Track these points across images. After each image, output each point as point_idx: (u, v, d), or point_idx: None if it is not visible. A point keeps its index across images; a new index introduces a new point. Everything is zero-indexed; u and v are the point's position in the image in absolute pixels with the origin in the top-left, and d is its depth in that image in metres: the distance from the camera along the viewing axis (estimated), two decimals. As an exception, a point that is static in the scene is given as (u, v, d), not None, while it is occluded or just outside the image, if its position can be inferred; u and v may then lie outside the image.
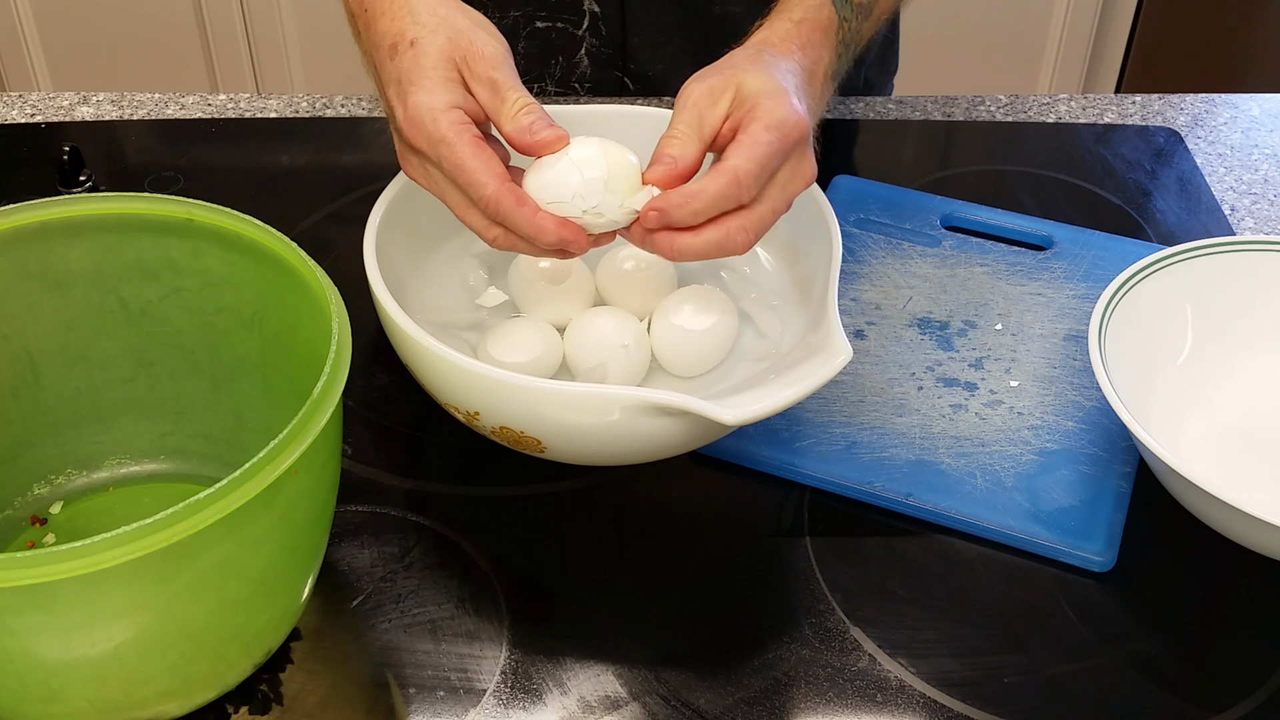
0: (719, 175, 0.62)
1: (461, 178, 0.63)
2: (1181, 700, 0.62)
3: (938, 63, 1.95)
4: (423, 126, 0.64)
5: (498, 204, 0.63)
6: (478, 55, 0.65)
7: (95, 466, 0.70)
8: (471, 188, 0.63)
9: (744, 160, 0.62)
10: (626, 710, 0.61)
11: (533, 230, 0.63)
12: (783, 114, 0.64)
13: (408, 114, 0.64)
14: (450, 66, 0.65)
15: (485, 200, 0.63)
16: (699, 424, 0.63)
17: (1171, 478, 0.66)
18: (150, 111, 1.02)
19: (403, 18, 0.66)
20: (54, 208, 0.64)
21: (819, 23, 0.71)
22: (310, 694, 0.61)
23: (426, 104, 0.64)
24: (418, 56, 0.65)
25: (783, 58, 0.69)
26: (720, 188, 0.62)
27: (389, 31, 0.66)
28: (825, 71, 0.71)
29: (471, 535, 0.69)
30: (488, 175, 0.63)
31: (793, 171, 0.65)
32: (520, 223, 0.63)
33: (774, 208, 0.65)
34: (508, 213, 0.63)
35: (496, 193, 0.63)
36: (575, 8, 0.97)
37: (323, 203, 0.92)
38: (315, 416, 0.53)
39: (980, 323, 0.81)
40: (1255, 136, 1.02)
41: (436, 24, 0.66)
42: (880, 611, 0.66)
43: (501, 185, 0.63)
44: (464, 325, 0.77)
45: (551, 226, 0.63)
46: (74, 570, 0.48)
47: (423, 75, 0.64)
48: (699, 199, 0.62)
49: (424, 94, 0.64)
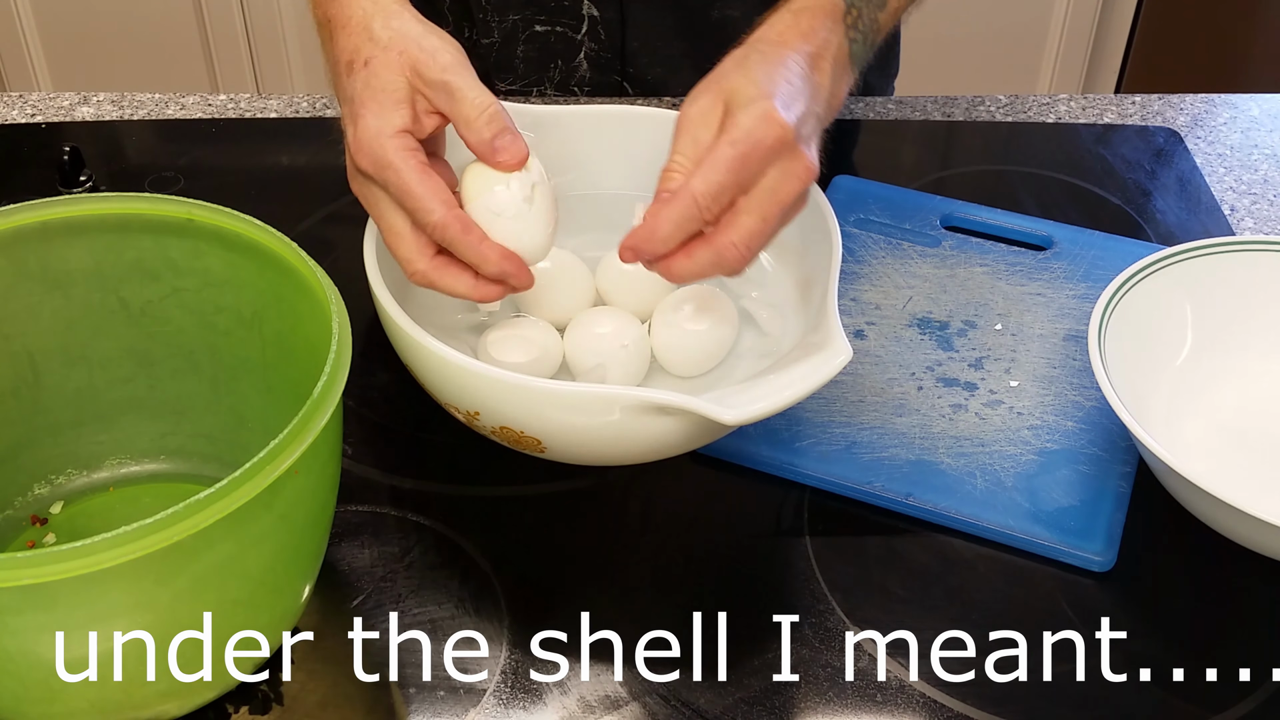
0: (677, 200, 0.62)
1: (409, 202, 0.64)
2: (1181, 700, 0.62)
3: (938, 63, 1.95)
4: (369, 150, 0.64)
5: (445, 229, 0.63)
6: (428, 62, 0.65)
7: (95, 466, 0.70)
8: (418, 213, 0.63)
9: (699, 181, 0.62)
10: (626, 710, 0.61)
11: (477, 258, 0.64)
12: (750, 123, 0.62)
13: (356, 135, 0.64)
14: (402, 85, 0.65)
15: (432, 225, 0.63)
16: (699, 424, 0.63)
17: (1171, 478, 0.66)
18: (150, 111, 1.02)
19: (359, 34, 0.66)
20: (54, 208, 0.64)
21: (821, 8, 0.69)
22: (310, 694, 0.61)
23: (375, 127, 0.64)
24: (369, 77, 0.65)
25: (776, 52, 0.67)
26: (679, 211, 0.62)
27: (346, 48, 0.67)
28: (835, 55, 0.69)
29: (471, 535, 0.69)
30: (434, 201, 0.63)
31: (782, 174, 0.64)
32: (466, 249, 0.64)
33: (764, 215, 0.64)
34: (454, 239, 0.64)
35: (443, 218, 0.63)
36: (574, 12, 0.97)
37: (323, 203, 0.92)
38: (315, 416, 0.53)
39: (980, 323, 0.82)
40: (1255, 136, 1.02)
41: (389, 39, 0.65)
42: (880, 611, 0.66)
43: (448, 211, 0.63)
44: (464, 325, 0.77)
45: (495, 256, 0.64)
46: (74, 570, 0.48)
47: (372, 97, 0.64)
48: (662, 227, 0.63)
49: (372, 117, 0.64)
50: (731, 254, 0.63)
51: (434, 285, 0.66)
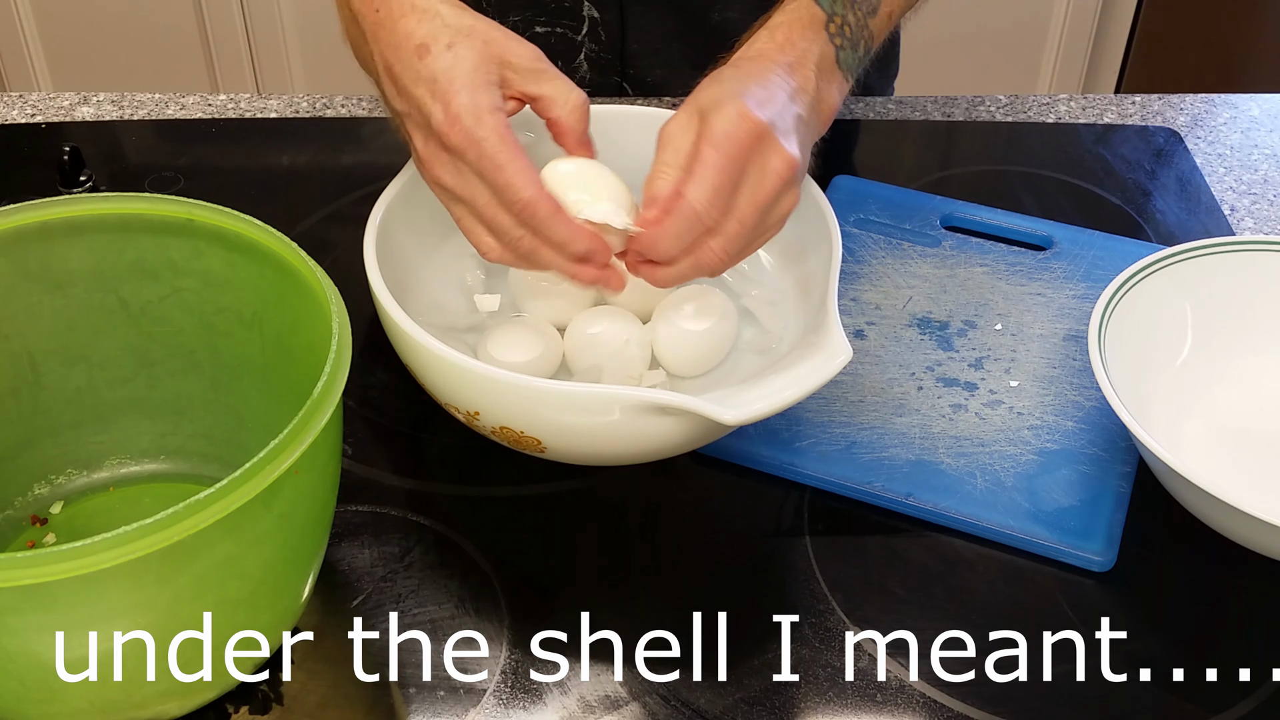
0: (677, 212, 0.63)
1: (501, 178, 0.64)
2: (1181, 700, 0.62)
3: (938, 63, 1.95)
4: (466, 126, 0.64)
5: (535, 208, 0.64)
6: (518, 53, 0.66)
7: (95, 466, 0.70)
8: (509, 189, 0.64)
9: (694, 189, 0.63)
10: (626, 710, 0.61)
11: (567, 236, 0.64)
12: (726, 125, 0.63)
13: (450, 112, 0.64)
14: (491, 70, 0.65)
15: (522, 203, 0.64)
16: (699, 424, 0.63)
17: (1171, 478, 0.66)
18: (150, 111, 1.02)
19: (430, 20, 0.66)
20: (54, 208, 0.64)
21: (799, 21, 0.70)
22: (310, 694, 0.61)
23: (471, 103, 0.64)
24: (455, 59, 0.65)
25: (753, 65, 0.68)
26: (680, 223, 0.63)
27: (415, 32, 0.66)
28: (818, 62, 0.70)
29: (471, 535, 0.69)
30: (527, 179, 0.64)
31: (759, 174, 0.64)
32: (554, 229, 0.64)
33: (742, 218, 0.64)
34: (544, 218, 0.64)
35: (534, 196, 0.64)
36: (574, 13, 0.97)
37: (323, 203, 0.92)
38: (315, 416, 0.53)
39: (980, 323, 0.82)
40: (1255, 136, 1.02)
41: (469, 28, 0.66)
42: (880, 611, 0.66)
43: (540, 190, 0.64)
44: (464, 326, 0.77)
45: (584, 235, 0.65)
46: (74, 570, 0.48)
47: (463, 76, 0.64)
48: (664, 241, 0.64)
49: (468, 94, 0.64)
50: (709, 258, 0.65)
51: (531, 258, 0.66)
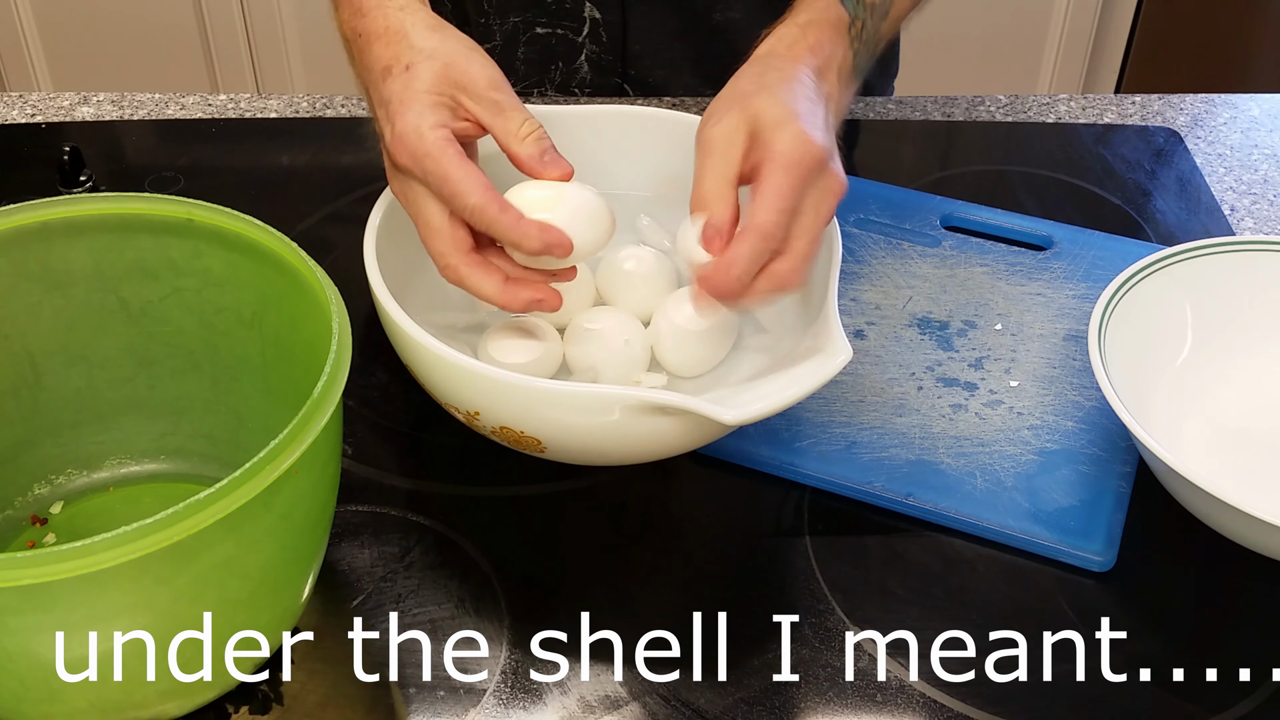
0: (749, 236, 0.63)
1: (446, 188, 0.64)
2: (1181, 700, 0.62)
3: (938, 63, 1.95)
4: (408, 143, 0.65)
5: (483, 211, 0.64)
6: (476, 76, 0.66)
7: (95, 466, 0.70)
8: (456, 197, 0.64)
9: (767, 213, 0.63)
10: (626, 710, 0.61)
11: (518, 235, 0.64)
12: (795, 149, 0.64)
13: (395, 132, 0.65)
14: (442, 91, 0.66)
15: (470, 209, 0.64)
16: (699, 424, 0.63)
17: (1171, 478, 0.66)
18: (150, 111, 1.02)
19: (398, 43, 0.67)
20: (54, 208, 0.64)
21: (827, 22, 0.71)
22: (310, 694, 0.61)
23: (414, 122, 0.65)
24: (410, 80, 0.66)
25: (790, 67, 0.68)
26: (752, 248, 0.63)
27: (383, 56, 0.68)
28: (839, 68, 0.71)
29: (471, 535, 0.69)
30: (472, 185, 0.64)
31: (820, 194, 0.65)
32: (505, 229, 0.64)
33: (811, 237, 0.65)
34: (493, 219, 0.64)
35: (481, 200, 0.64)
36: (576, 14, 0.97)
37: (323, 203, 0.92)
38: (315, 416, 0.53)
39: (980, 323, 0.82)
40: (1255, 136, 1.02)
41: (431, 50, 0.67)
42: (880, 611, 0.66)
43: (486, 193, 0.64)
44: (464, 325, 0.77)
45: (535, 231, 0.64)
46: (74, 570, 0.48)
47: (413, 98, 0.65)
48: (737, 264, 0.63)
49: (413, 115, 0.65)
50: (793, 280, 0.65)
51: (464, 283, 0.66)
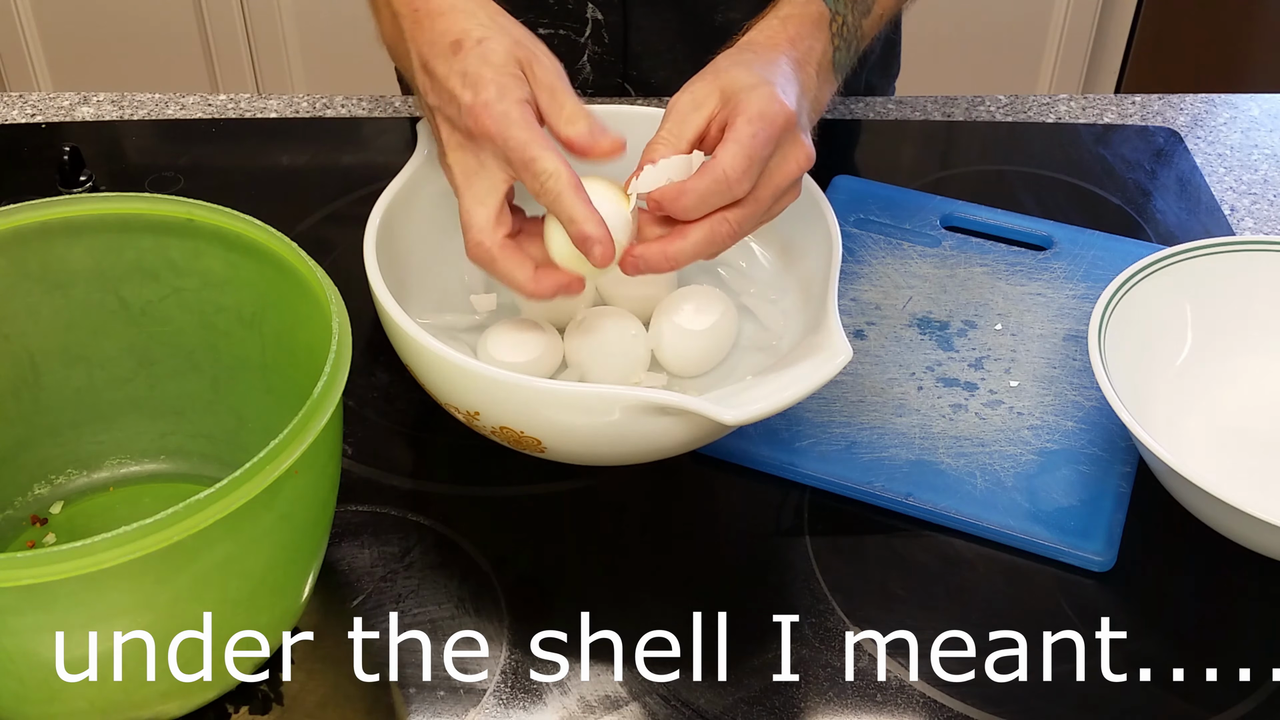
0: (707, 173, 0.64)
1: (528, 152, 0.64)
2: (1181, 700, 0.62)
3: (938, 63, 1.95)
4: (494, 111, 0.65)
5: (558, 178, 0.64)
6: (540, 62, 0.67)
7: (95, 466, 0.70)
8: (536, 161, 0.64)
9: (729, 157, 0.64)
10: (626, 710, 0.61)
11: (582, 213, 0.64)
12: (763, 105, 0.64)
13: (480, 100, 0.65)
14: (517, 66, 0.67)
15: (547, 174, 0.64)
16: (699, 424, 0.63)
17: (1171, 478, 0.66)
18: (150, 111, 1.02)
19: (465, 18, 0.68)
20: (54, 208, 0.64)
21: (807, 16, 0.72)
22: (310, 694, 0.61)
23: (497, 91, 0.65)
24: (486, 53, 0.66)
25: (768, 52, 0.69)
26: (708, 184, 0.63)
27: (450, 30, 0.68)
28: (819, 61, 0.72)
29: (471, 535, 0.69)
30: (554, 156, 0.64)
31: (781, 159, 0.66)
32: (572, 202, 0.64)
33: (759, 196, 0.65)
34: (563, 190, 0.64)
35: (559, 168, 0.64)
36: (578, 15, 0.97)
37: (323, 203, 0.92)
38: (315, 416, 0.53)
39: (980, 323, 0.82)
40: (1255, 136, 1.02)
41: (499, 28, 0.68)
42: (880, 611, 0.66)
43: (566, 166, 0.64)
44: (464, 325, 0.77)
45: (596, 220, 0.64)
46: (74, 570, 0.48)
47: (495, 71, 0.66)
48: (689, 195, 0.64)
49: (495, 86, 0.65)
50: (724, 229, 0.65)
51: (495, 265, 0.66)
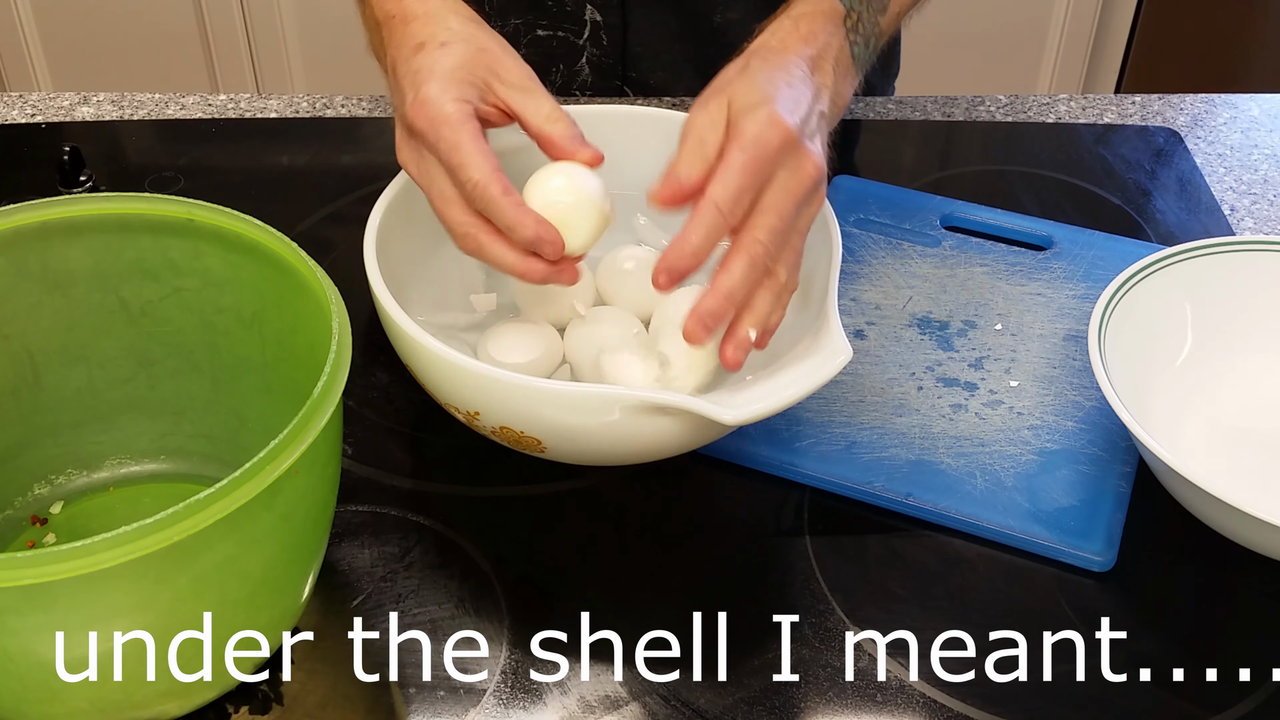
0: (700, 211, 0.63)
1: (455, 158, 0.64)
2: (1181, 700, 0.62)
3: (938, 63, 1.95)
4: (428, 108, 0.65)
5: (485, 189, 0.63)
6: (509, 67, 0.67)
7: (95, 466, 0.70)
8: (461, 169, 0.64)
9: (719, 188, 0.63)
10: (626, 710, 0.61)
11: (513, 220, 0.64)
12: (757, 130, 0.64)
13: (418, 97, 0.65)
14: (474, 72, 0.66)
15: (472, 183, 0.64)
16: (699, 424, 0.63)
17: (1171, 478, 0.66)
18: (150, 111, 1.02)
19: (435, 24, 0.68)
20: (54, 208, 0.64)
21: (821, 13, 0.71)
22: (310, 694, 0.61)
23: (439, 89, 0.65)
24: (442, 55, 0.66)
25: (779, 57, 0.68)
26: (704, 219, 0.63)
27: (419, 34, 0.68)
28: (836, 56, 0.71)
29: (471, 535, 0.69)
30: (480, 161, 0.64)
31: (790, 173, 0.65)
32: (501, 210, 0.64)
33: (779, 211, 0.64)
34: (492, 199, 0.64)
35: (485, 177, 0.63)
36: (576, 17, 0.97)
37: (323, 203, 0.92)
38: (315, 416, 0.53)
39: (980, 323, 0.82)
40: (1255, 136, 1.02)
41: (468, 35, 0.68)
42: (880, 611, 0.66)
43: (492, 173, 0.64)
44: (464, 325, 0.77)
45: (531, 221, 0.64)
46: (74, 570, 0.48)
47: (444, 71, 0.66)
48: (689, 239, 0.63)
49: (438, 84, 0.65)
50: (759, 250, 0.64)
51: (484, 251, 0.66)
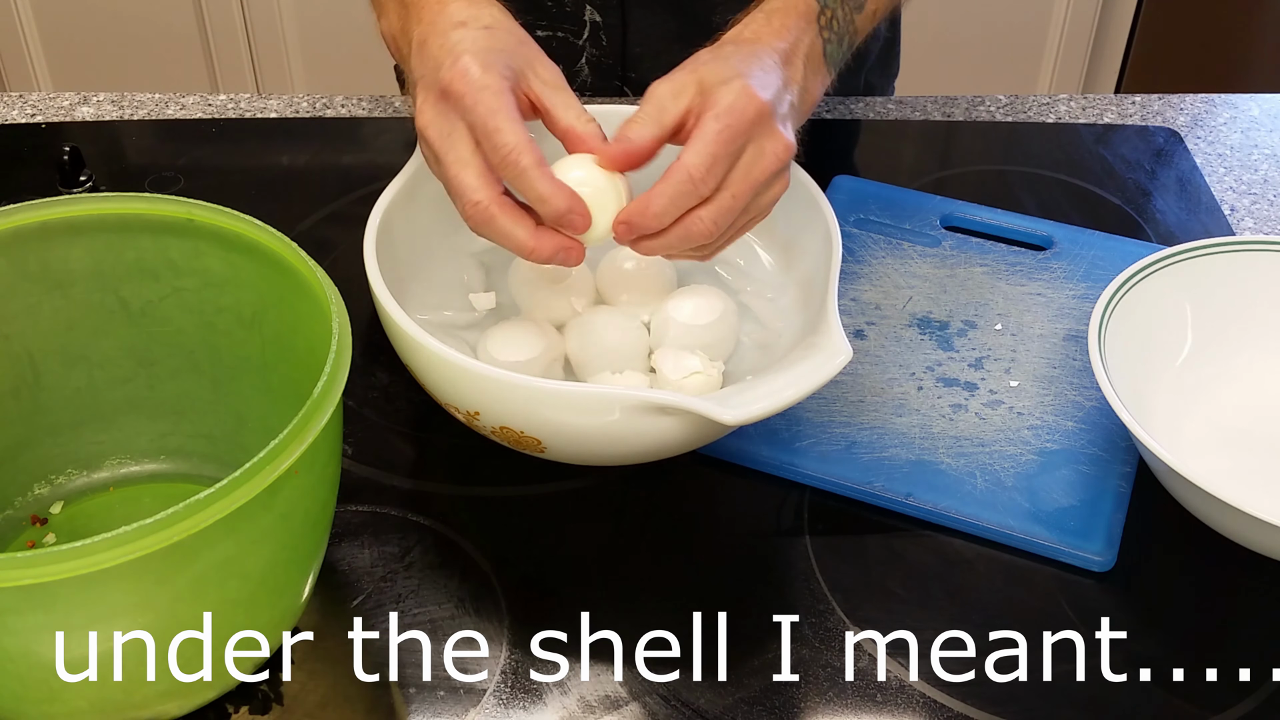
0: (672, 175, 0.63)
1: (492, 122, 0.63)
2: (1181, 700, 0.62)
3: (938, 63, 1.95)
4: (471, 75, 0.64)
5: (519, 157, 0.62)
6: (545, 63, 0.67)
7: (95, 466, 0.70)
8: (498, 133, 0.63)
9: (692, 155, 0.63)
10: (626, 710, 0.61)
11: (547, 190, 0.63)
12: (732, 100, 0.64)
13: (459, 66, 0.64)
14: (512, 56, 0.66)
15: (507, 148, 0.63)
16: (699, 424, 0.63)
17: (1171, 478, 0.66)
18: (150, 112, 1.02)
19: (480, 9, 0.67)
20: (54, 208, 0.64)
21: (793, 9, 0.71)
22: (310, 694, 0.61)
23: (481, 61, 0.64)
24: (484, 36, 0.66)
25: (751, 46, 0.69)
26: (675, 186, 0.63)
27: (459, 14, 0.67)
28: (807, 53, 0.71)
29: (471, 535, 0.69)
30: (518, 129, 0.63)
31: (757, 153, 0.65)
32: (535, 180, 0.63)
33: (735, 193, 0.64)
34: (526, 168, 0.63)
35: (522, 144, 0.63)
36: (576, 18, 0.97)
37: (323, 203, 0.92)
38: (315, 416, 0.53)
39: (980, 323, 0.82)
40: (1255, 136, 1.02)
41: (510, 27, 0.67)
42: (880, 611, 0.66)
43: (527, 142, 0.63)
44: (464, 325, 0.77)
45: (566, 193, 0.63)
46: (74, 570, 0.48)
47: (485, 49, 0.65)
48: (657, 202, 0.63)
49: (481, 57, 0.64)
50: (698, 227, 0.64)
51: (494, 223, 0.64)
